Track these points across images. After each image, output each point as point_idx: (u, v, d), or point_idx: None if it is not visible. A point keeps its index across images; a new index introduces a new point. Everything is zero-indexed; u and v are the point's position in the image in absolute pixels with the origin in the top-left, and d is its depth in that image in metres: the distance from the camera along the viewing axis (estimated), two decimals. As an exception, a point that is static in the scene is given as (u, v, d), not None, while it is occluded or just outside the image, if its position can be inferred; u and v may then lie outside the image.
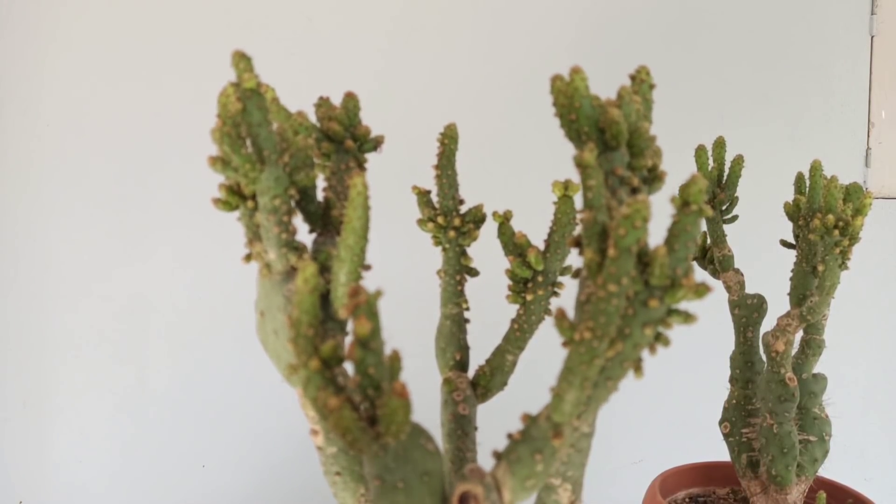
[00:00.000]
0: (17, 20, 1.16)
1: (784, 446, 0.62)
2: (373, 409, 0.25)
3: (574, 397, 0.26)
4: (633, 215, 0.24)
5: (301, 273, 0.25)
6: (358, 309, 0.23)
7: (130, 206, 1.17)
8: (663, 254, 0.25)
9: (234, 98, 0.31)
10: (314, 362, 0.25)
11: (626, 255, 0.24)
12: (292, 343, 0.25)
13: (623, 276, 0.24)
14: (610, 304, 0.24)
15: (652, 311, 0.26)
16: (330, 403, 0.24)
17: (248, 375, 1.16)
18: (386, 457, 0.27)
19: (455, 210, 0.45)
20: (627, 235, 0.24)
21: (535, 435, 0.27)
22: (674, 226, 0.25)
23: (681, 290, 0.25)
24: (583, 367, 0.25)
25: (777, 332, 0.63)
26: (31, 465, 1.19)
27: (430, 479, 0.27)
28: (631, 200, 0.24)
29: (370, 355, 0.24)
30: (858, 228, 0.58)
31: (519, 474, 0.27)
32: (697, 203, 0.25)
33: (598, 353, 0.25)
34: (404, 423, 0.25)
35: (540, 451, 0.27)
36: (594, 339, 0.25)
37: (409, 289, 0.91)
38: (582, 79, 0.29)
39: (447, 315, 0.46)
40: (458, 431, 0.43)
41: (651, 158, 0.31)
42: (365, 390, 0.25)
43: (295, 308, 0.25)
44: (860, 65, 1.17)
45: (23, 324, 1.18)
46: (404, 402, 0.24)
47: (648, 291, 0.25)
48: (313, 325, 0.25)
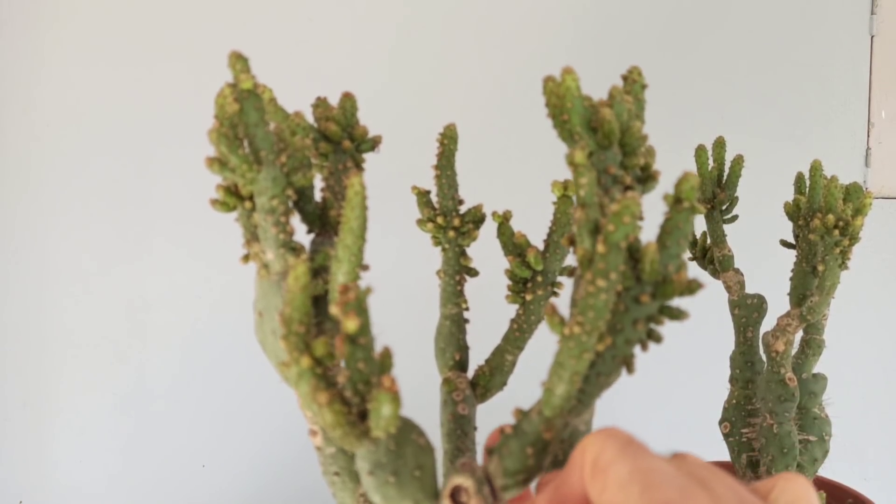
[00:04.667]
0: (17, 20, 1.16)
1: (784, 446, 0.62)
2: (363, 405, 0.25)
3: (564, 391, 0.26)
4: (622, 211, 0.24)
5: (292, 272, 0.26)
6: (347, 305, 0.24)
7: (130, 206, 1.17)
8: (654, 250, 0.25)
9: (231, 99, 0.31)
10: (305, 359, 0.25)
11: (615, 251, 0.24)
12: (283, 340, 0.25)
13: (612, 270, 0.24)
14: (598, 299, 0.24)
15: (643, 307, 0.26)
16: (319, 398, 0.25)
17: (248, 375, 1.16)
18: (377, 451, 0.27)
19: (454, 210, 0.45)
20: (617, 231, 0.24)
21: (526, 429, 0.27)
22: (666, 222, 0.25)
23: (672, 286, 0.25)
24: (572, 361, 0.25)
25: (777, 331, 0.63)
26: (31, 465, 1.19)
27: (422, 474, 0.27)
28: (621, 197, 0.24)
29: (359, 350, 0.24)
30: (858, 228, 0.58)
31: (510, 468, 0.27)
32: (690, 200, 0.25)
33: (587, 348, 0.25)
34: (393, 417, 0.25)
35: (532, 444, 0.27)
36: (583, 334, 0.25)
37: (408, 289, 0.91)
38: (573, 79, 0.29)
39: (446, 315, 0.46)
40: (457, 431, 0.43)
41: (644, 157, 0.31)
42: (355, 385, 0.25)
43: (286, 306, 0.26)
44: (860, 65, 1.17)
45: (23, 324, 1.18)
46: (393, 395, 0.24)
47: (640, 287, 0.26)
48: (304, 323, 0.26)
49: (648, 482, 0.21)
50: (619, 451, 0.23)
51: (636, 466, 0.22)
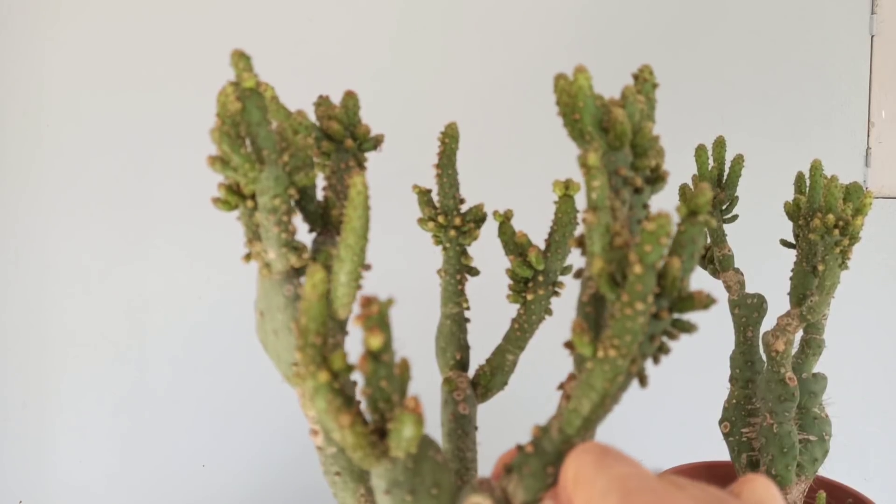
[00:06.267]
0: (18, 20, 1.16)
1: (784, 446, 0.62)
2: (383, 422, 0.24)
3: (590, 412, 0.25)
4: (659, 231, 0.23)
5: (309, 279, 0.24)
6: (369, 320, 0.23)
7: (130, 206, 1.17)
8: (678, 266, 0.24)
9: (234, 97, 0.31)
10: (323, 374, 0.24)
11: (650, 272, 0.23)
12: (300, 352, 0.24)
13: (649, 293, 0.23)
14: (636, 322, 0.23)
15: (661, 323, 0.25)
16: (341, 421, 0.24)
17: (249, 375, 1.16)
18: (394, 470, 0.26)
19: (456, 209, 0.45)
20: (653, 252, 0.23)
21: (547, 448, 0.27)
22: (680, 235, 0.25)
23: (693, 301, 0.25)
24: (605, 385, 0.25)
25: (777, 331, 0.63)
26: (31, 465, 1.19)
27: (439, 493, 0.27)
28: (654, 216, 0.23)
29: (382, 368, 0.23)
30: (858, 228, 0.58)
31: (532, 488, 0.26)
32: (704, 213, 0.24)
33: (620, 371, 0.24)
34: (415, 439, 0.24)
35: (553, 464, 0.26)
36: (619, 357, 0.24)
37: (409, 288, 0.91)
38: (586, 78, 0.29)
39: (447, 314, 0.46)
40: (458, 431, 0.43)
41: (654, 158, 0.30)
42: (376, 403, 0.24)
43: (302, 315, 0.24)
44: (860, 65, 1.17)
45: (23, 324, 1.17)
46: (417, 416, 0.24)
47: (659, 303, 0.25)
48: (321, 334, 0.24)
49: (626, 488, 0.22)
50: (595, 463, 0.23)
51: (612, 475, 0.22)
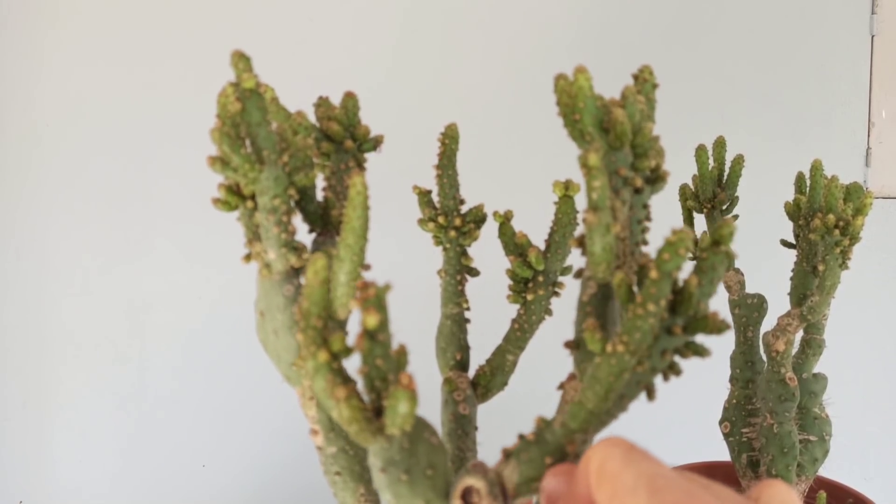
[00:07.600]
0: (17, 20, 1.16)
1: (784, 446, 0.62)
2: (379, 401, 0.25)
3: (595, 406, 0.26)
4: (679, 243, 0.25)
5: (311, 265, 0.26)
6: (367, 301, 0.24)
7: (130, 206, 1.17)
8: (695, 284, 0.26)
9: (234, 98, 0.31)
10: (323, 354, 0.25)
11: (666, 279, 0.25)
12: (301, 333, 0.26)
13: (662, 297, 0.25)
14: (646, 322, 0.25)
15: (673, 339, 0.26)
16: (337, 393, 0.25)
17: (249, 375, 1.16)
18: (391, 449, 0.27)
19: (456, 210, 0.45)
20: (671, 261, 0.25)
21: (549, 439, 0.28)
22: (702, 262, 0.26)
23: (707, 322, 0.26)
24: (610, 379, 0.26)
25: (777, 331, 0.63)
26: (31, 465, 1.19)
27: (433, 473, 0.27)
28: (676, 229, 0.25)
29: (378, 346, 0.25)
30: (859, 228, 0.58)
31: (527, 475, 0.27)
32: (727, 245, 0.26)
33: (627, 367, 0.25)
34: (410, 415, 0.25)
35: (552, 454, 0.27)
36: (626, 353, 0.25)
37: (409, 288, 0.91)
38: (586, 78, 0.29)
39: (448, 315, 0.46)
40: (458, 431, 0.43)
41: (654, 158, 0.31)
42: (372, 381, 0.25)
43: (305, 299, 0.26)
44: (860, 65, 1.17)
45: (23, 324, 1.18)
46: (410, 392, 0.24)
47: (673, 319, 0.26)
48: (322, 317, 0.26)
49: (655, 486, 0.21)
50: (623, 457, 0.23)
51: (641, 472, 0.22)
